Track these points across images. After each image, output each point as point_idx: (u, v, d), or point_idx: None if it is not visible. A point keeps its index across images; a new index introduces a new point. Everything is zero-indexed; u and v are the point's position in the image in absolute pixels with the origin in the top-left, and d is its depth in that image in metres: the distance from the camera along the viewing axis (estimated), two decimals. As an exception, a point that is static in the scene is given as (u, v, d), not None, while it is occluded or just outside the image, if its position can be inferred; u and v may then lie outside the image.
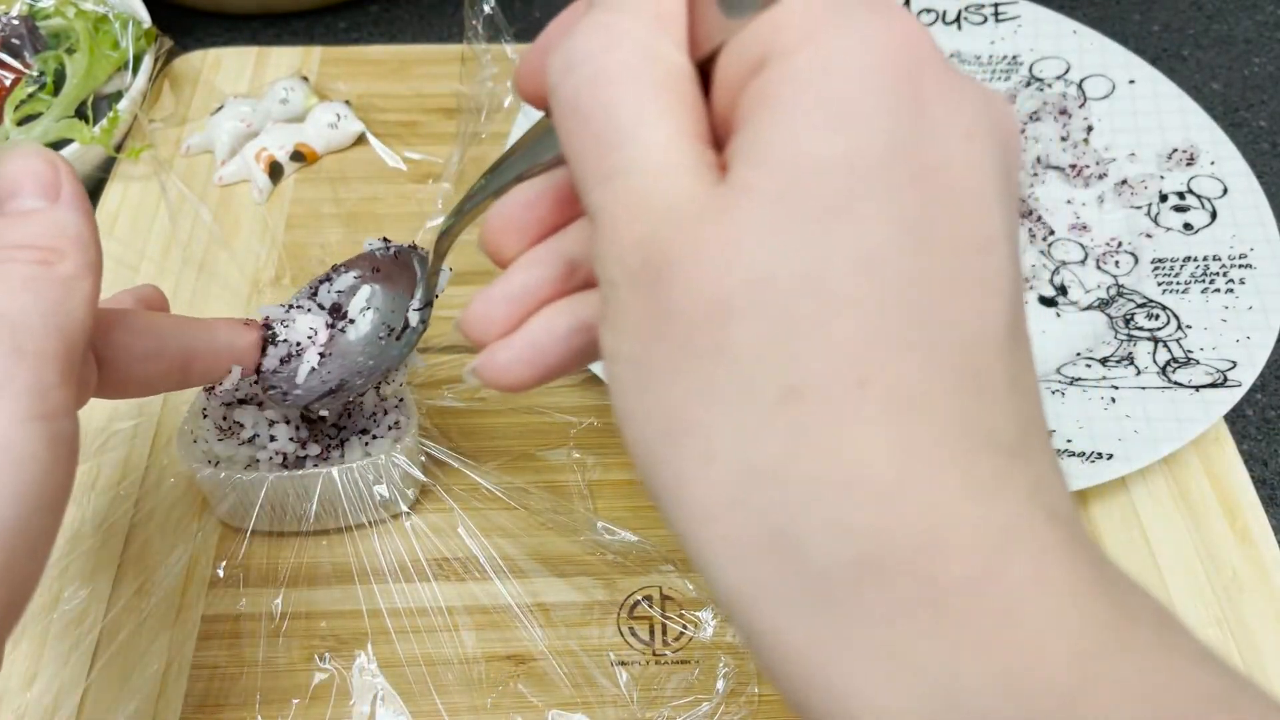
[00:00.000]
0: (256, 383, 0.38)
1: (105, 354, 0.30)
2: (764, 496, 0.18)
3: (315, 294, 0.39)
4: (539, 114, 0.26)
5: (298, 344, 0.38)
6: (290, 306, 0.39)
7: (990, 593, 0.17)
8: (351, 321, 0.39)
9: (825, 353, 0.18)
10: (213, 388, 0.37)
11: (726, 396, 0.18)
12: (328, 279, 0.39)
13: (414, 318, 0.37)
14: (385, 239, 0.38)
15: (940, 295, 0.18)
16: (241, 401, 0.39)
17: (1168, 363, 0.46)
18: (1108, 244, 0.53)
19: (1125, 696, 0.17)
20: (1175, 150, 0.54)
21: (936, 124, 0.19)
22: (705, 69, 0.21)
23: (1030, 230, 0.52)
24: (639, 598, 0.41)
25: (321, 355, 0.38)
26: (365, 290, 0.39)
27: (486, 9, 0.55)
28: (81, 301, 0.26)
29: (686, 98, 0.20)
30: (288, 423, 0.39)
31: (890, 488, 0.17)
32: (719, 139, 0.21)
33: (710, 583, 0.19)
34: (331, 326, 0.38)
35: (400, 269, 0.38)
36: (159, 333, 0.32)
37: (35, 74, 0.55)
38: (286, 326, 0.38)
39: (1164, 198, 0.53)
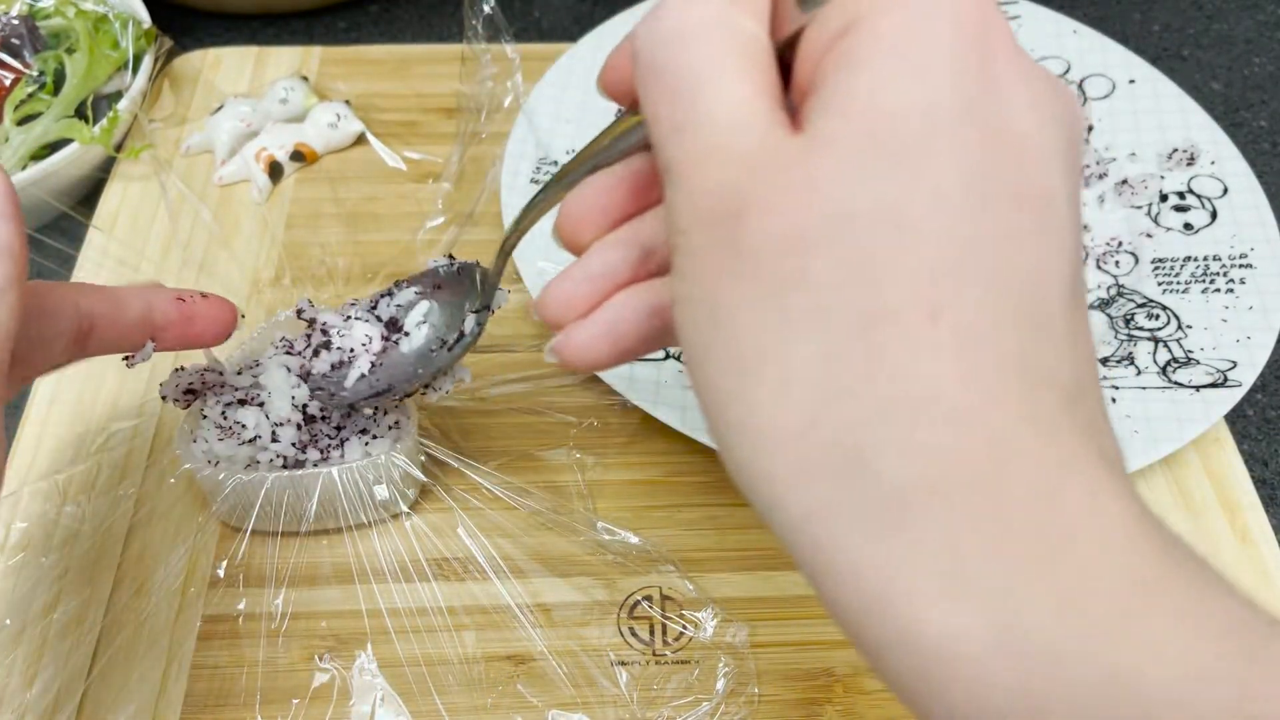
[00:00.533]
0: (306, 384, 0.39)
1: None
2: (839, 417, 0.19)
3: (375, 307, 0.39)
4: (538, 114, 0.27)
5: (351, 350, 0.39)
6: (348, 317, 0.39)
7: (1050, 518, 0.18)
8: (406, 334, 0.39)
9: (901, 283, 0.19)
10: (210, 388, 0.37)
11: (805, 324, 0.19)
12: (389, 294, 0.39)
13: (469, 322, 0.38)
14: (451, 256, 0.39)
15: (1006, 241, 0.19)
16: (242, 402, 0.39)
17: (1168, 363, 0.46)
18: (1108, 244, 0.53)
19: (1179, 621, 0.17)
20: (1175, 150, 0.54)
21: (1004, 90, 0.20)
22: (784, 58, 0.22)
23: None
24: (639, 598, 0.41)
25: (373, 365, 0.39)
26: (424, 306, 0.39)
27: (486, 9, 0.54)
28: (7, 314, 0.27)
29: (762, 64, 0.21)
30: (291, 424, 0.39)
31: (960, 412, 0.18)
32: (795, 110, 0.21)
33: (773, 512, 0.20)
34: (387, 339, 0.39)
35: (459, 282, 0.39)
36: (55, 312, 0.32)
37: (35, 74, 0.55)
38: (342, 336, 0.39)
39: (1164, 198, 0.53)
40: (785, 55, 0.22)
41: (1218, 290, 0.48)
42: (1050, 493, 0.18)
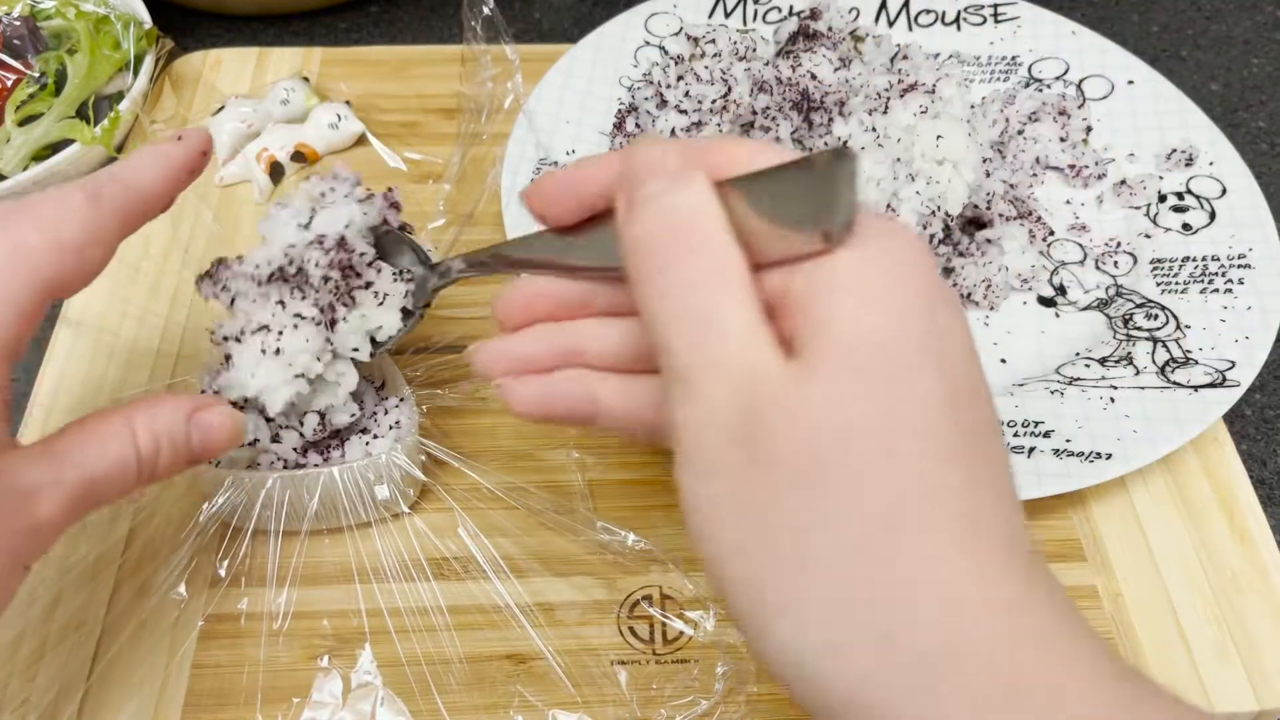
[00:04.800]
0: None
1: None
2: (864, 600, 0.23)
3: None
4: (538, 115, 0.28)
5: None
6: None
7: (1021, 670, 0.22)
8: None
9: (904, 485, 0.23)
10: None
11: (831, 521, 0.23)
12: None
13: (409, 302, 0.39)
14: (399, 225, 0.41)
15: (973, 432, 0.24)
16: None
17: (1167, 363, 0.46)
18: (1107, 244, 0.53)
19: None
20: (1174, 150, 0.54)
21: (939, 307, 0.25)
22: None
23: (1030, 230, 0.52)
24: (639, 597, 0.41)
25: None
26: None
27: (485, 10, 0.55)
28: None
29: (749, 284, 0.25)
30: (293, 431, 0.39)
31: (965, 587, 0.23)
32: (768, 306, 0.26)
33: (799, 680, 0.23)
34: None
35: (391, 248, 0.41)
36: None
37: (36, 74, 0.55)
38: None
39: (1163, 198, 0.53)
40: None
41: (1216, 290, 0.48)
42: (1029, 662, 0.22)
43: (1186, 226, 0.52)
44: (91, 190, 0.31)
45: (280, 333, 0.37)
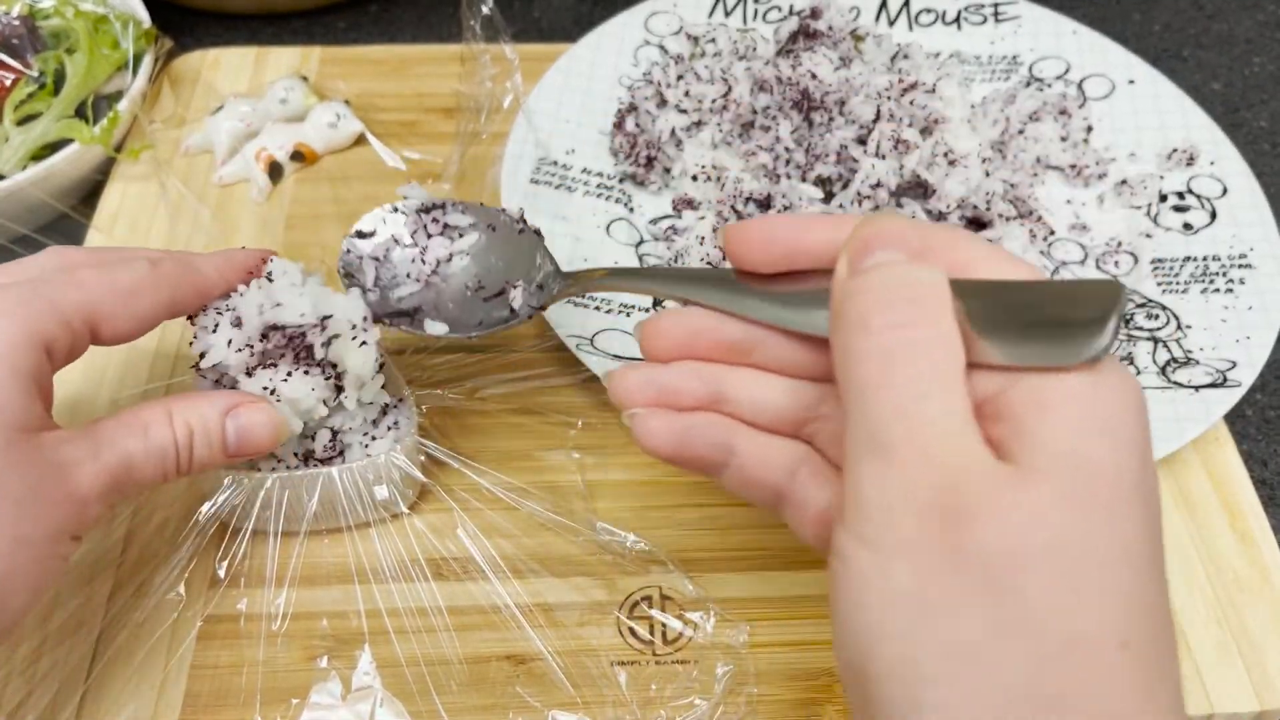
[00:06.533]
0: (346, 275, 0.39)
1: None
2: (1027, 714, 0.22)
3: (429, 211, 0.40)
4: (538, 114, 0.28)
5: (393, 236, 0.39)
6: (396, 209, 0.40)
7: None
8: (450, 258, 0.39)
9: (1100, 613, 0.23)
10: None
11: (1017, 632, 0.23)
12: (441, 206, 0.40)
13: (518, 299, 0.38)
14: (523, 216, 0.40)
15: (1161, 574, 0.25)
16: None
17: (1167, 363, 0.46)
18: (1107, 244, 0.53)
19: None
20: (1175, 150, 0.54)
21: (1150, 450, 0.25)
22: None
23: (1030, 230, 0.52)
24: (638, 598, 0.41)
25: (419, 282, 0.39)
26: (473, 238, 0.40)
27: (484, 10, 0.55)
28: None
29: (964, 376, 0.25)
30: (294, 437, 0.39)
31: None
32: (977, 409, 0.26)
33: None
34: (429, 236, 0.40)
35: (515, 241, 0.40)
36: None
37: (35, 74, 0.55)
38: (385, 223, 0.39)
39: (1164, 198, 0.53)
40: None
41: (1217, 290, 0.48)
42: None
43: (1187, 226, 0.52)
44: (154, 257, 0.36)
45: (274, 391, 0.37)
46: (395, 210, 0.40)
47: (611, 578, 0.41)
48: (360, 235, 0.40)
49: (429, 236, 0.40)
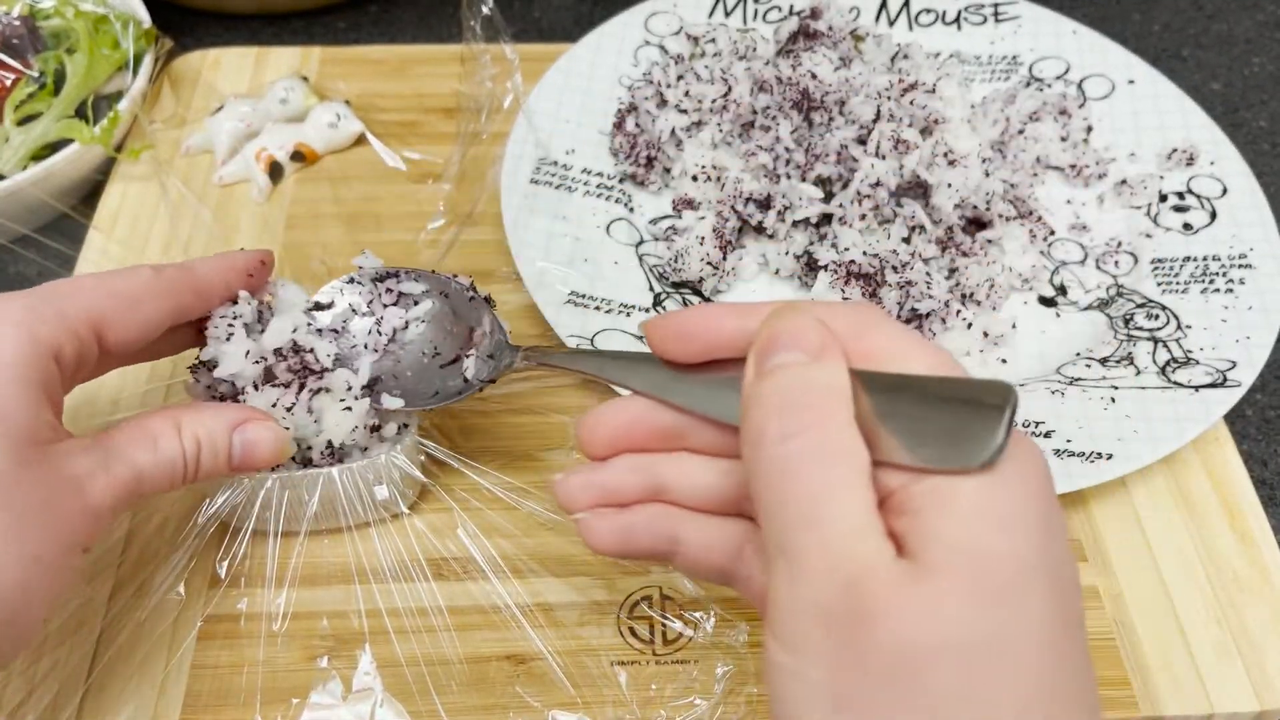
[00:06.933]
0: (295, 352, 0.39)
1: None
2: None
3: (383, 280, 0.41)
4: (538, 115, 0.28)
5: (350, 306, 0.40)
6: (352, 279, 0.41)
7: None
8: (406, 326, 0.40)
9: (1007, 703, 0.23)
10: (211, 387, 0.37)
11: None
12: (394, 275, 0.41)
13: (471, 368, 0.39)
14: (473, 284, 0.41)
15: (1075, 657, 0.25)
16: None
17: (1167, 363, 0.46)
18: (1107, 244, 0.53)
19: None
20: (1175, 150, 0.54)
21: (1056, 533, 0.25)
22: None
23: (1030, 230, 0.52)
24: (638, 598, 0.41)
25: (367, 344, 0.40)
26: (427, 305, 0.41)
27: (484, 10, 0.55)
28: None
29: (868, 474, 0.26)
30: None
31: None
32: (880, 498, 0.26)
33: None
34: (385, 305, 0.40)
35: (468, 307, 0.41)
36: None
37: (35, 74, 0.55)
38: (342, 294, 0.40)
39: (1164, 198, 0.53)
40: None
41: (1217, 290, 0.48)
42: None
43: (1187, 226, 0.52)
44: (156, 266, 0.36)
45: (291, 408, 0.38)
46: (351, 280, 0.41)
47: (611, 577, 0.41)
48: (319, 307, 0.40)
49: (384, 306, 0.40)
